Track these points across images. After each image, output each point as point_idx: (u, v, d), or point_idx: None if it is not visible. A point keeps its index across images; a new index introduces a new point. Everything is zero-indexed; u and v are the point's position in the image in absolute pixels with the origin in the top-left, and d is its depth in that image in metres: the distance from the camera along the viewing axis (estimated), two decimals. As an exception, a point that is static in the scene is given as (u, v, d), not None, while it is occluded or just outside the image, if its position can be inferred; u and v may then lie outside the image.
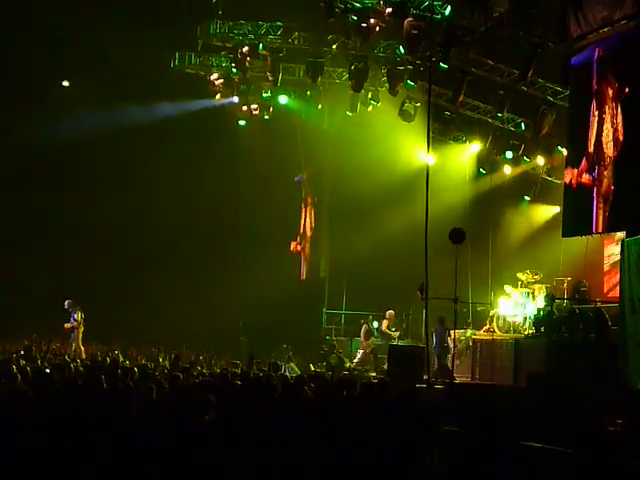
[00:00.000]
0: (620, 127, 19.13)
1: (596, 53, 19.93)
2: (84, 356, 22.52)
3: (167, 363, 19.90)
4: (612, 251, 22.51)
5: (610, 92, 19.50)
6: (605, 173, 19.48)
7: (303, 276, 32.62)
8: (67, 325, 24.23)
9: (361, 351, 25.04)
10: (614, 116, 19.30)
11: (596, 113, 19.86)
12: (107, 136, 30.26)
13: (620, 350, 16.56)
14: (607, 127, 19.48)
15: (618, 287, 17.87)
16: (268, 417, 9.71)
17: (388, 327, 24.81)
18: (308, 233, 32.48)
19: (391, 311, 24.98)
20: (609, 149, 19.36)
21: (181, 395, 10.79)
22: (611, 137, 19.32)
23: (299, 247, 32.69)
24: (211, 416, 9.32)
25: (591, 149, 19.95)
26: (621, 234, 19.20)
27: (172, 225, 31.36)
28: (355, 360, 24.97)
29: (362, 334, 25.41)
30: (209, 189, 31.50)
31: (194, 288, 30.81)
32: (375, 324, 25.53)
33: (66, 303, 24.49)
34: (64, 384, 11.10)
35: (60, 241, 30.43)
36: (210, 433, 9.07)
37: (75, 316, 24.25)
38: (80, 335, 24.21)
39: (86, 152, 30.59)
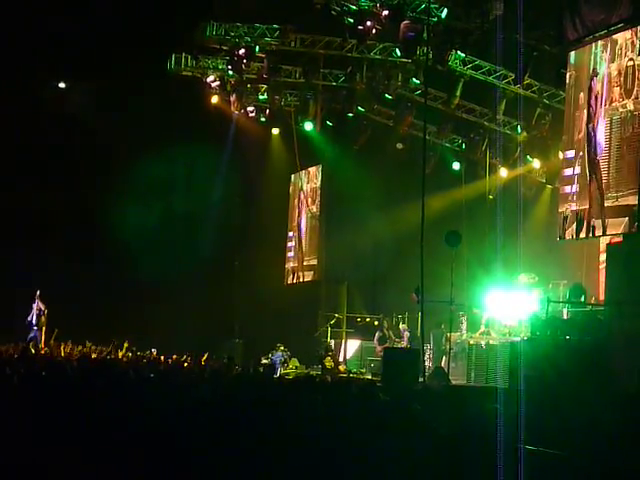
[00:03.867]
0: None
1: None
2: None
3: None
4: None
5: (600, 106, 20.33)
6: (596, 182, 20.17)
7: (299, 279, 32.63)
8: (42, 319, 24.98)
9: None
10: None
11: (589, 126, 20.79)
12: (102, 134, 30.30)
13: (608, 353, 16.60)
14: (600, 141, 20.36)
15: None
16: (264, 419, 9.70)
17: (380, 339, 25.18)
18: (303, 238, 32.52)
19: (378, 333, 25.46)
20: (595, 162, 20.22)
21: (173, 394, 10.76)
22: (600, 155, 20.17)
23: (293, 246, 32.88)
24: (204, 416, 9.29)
25: (585, 154, 20.78)
26: (617, 238, 19.24)
27: (166, 226, 31.32)
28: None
29: (375, 340, 25.49)
30: (205, 191, 31.51)
31: (188, 290, 30.76)
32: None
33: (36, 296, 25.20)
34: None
35: (55, 240, 30.38)
36: (204, 433, 9.07)
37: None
38: (43, 336, 24.97)
39: (85, 150, 30.58)
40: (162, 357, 22.53)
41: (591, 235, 20.47)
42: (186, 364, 20.50)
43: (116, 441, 8.98)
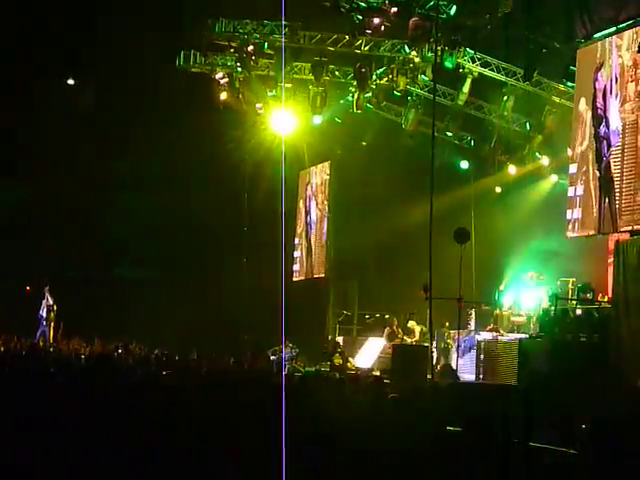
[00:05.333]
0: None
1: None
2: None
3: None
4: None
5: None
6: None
7: (308, 275, 32.63)
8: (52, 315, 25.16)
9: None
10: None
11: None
12: (108, 131, 30.39)
13: (615, 351, 16.59)
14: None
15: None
16: (270, 417, 9.70)
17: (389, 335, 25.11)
18: (311, 237, 32.53)
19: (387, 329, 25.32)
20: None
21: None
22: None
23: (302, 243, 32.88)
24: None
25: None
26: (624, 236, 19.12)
27: (174, 223, 31.37)
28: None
29: (385, 336, 25.49)
30: (211, 186, 31.53)
31: (197, 286, 30.81)
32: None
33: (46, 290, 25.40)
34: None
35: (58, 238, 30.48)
36: (210, 430, 9.08)
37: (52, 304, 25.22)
38: (52, 331, 25.20)
39: (93, 147, 30.64)
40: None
41: (602, 231, 19.11)
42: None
43: (123, 438, 9.00)
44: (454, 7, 22.82)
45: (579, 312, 19.77)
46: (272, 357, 25.50)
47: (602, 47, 19.03)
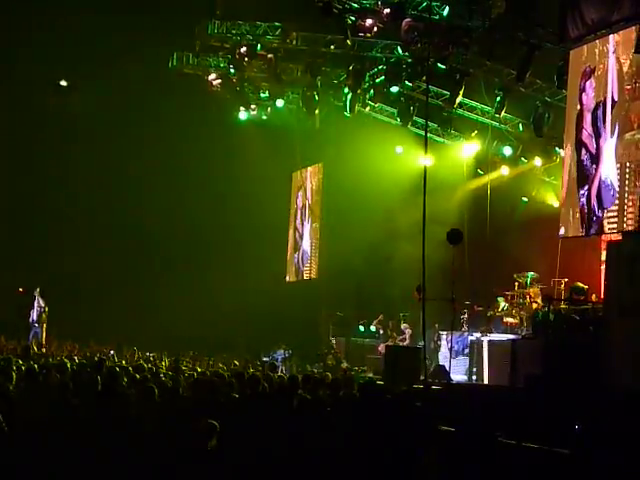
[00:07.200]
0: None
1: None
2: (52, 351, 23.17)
3: (164, 364, 19.90)
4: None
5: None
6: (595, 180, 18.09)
7: (300, 278, 32.66)
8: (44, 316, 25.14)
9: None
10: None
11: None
12: (103, 131, 30.42)
13: (606, 352, 16.59)
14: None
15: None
16: (265, 417, 9.71)
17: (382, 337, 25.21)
18: (305, 238, 32.59)
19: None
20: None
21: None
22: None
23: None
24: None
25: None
26: (617, 235, 19.12)
27: (170, 224, 31.37)
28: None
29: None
30: (206, 187, 31.54)
31: (192, 287, 30.80)
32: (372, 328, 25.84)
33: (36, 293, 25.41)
34: (60, 385, 11.09)
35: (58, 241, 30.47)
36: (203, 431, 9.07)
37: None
38: (44, 333, 25.18)
39: (87, 149, 30.66)
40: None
41: (596, 232, 19.04)
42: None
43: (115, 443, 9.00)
44: (447, 8, 22.83)
45: (572, 313, 19.78)
46: (265, 358, 25.53)
47: (592, 48, 18.23)
